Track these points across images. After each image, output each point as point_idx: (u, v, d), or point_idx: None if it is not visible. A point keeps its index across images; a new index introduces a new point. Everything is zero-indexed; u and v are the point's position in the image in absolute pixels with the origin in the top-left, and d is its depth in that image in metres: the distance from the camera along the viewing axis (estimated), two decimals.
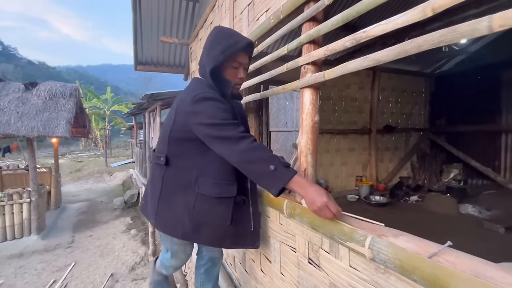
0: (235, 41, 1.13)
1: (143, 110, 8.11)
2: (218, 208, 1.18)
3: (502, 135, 4.12)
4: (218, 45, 1.12)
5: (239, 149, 0.98)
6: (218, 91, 1.16)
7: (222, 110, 1.06)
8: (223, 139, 1.02)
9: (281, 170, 0.93)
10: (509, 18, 0.49)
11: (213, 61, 1.12)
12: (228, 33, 1.17)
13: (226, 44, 1.11)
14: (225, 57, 1.11)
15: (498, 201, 3.50)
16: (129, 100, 32.72)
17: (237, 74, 1.19)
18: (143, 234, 5.19)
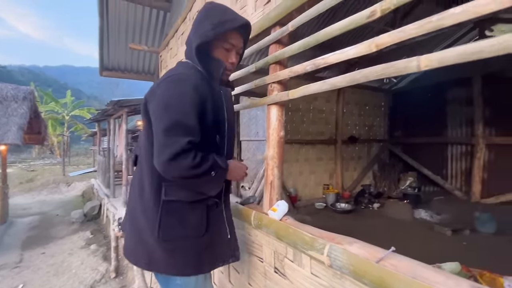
0: (229, 18, 0.97)
1: (108, 117, 7.70)
2: (192, 216, 0.99)
3: (449, 146, 4.62)
4: (209, 19, 0.96)
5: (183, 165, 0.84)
6: (206, 73, 1.00)
7: (188, 103, 0.87)
8: (166, 145, 0.84)
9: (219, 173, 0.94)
10: (432, 59, 0.60)
11: (201, 36, 0.95)
12: (222, 8, 1.01)
13: (218, 20, 0.95)
14: (215, 34, 0.94)
15: (446, 206, 3.89)
16: (92, 105, 30.71)
17: (228, 57, 1.02)
18: (105, 249, 4.85)
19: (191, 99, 0.88)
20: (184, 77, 0.91)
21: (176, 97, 0.87)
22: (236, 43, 1.02)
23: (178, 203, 0.97)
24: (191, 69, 0.99)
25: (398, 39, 0.68)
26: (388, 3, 0.70)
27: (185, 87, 0.89)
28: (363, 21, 0.76)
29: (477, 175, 4.08)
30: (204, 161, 0.88)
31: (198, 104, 0.90)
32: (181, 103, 0.87)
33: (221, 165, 0.93)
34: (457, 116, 4.50)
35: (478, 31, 3.97)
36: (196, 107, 0.89)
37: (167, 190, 0.96)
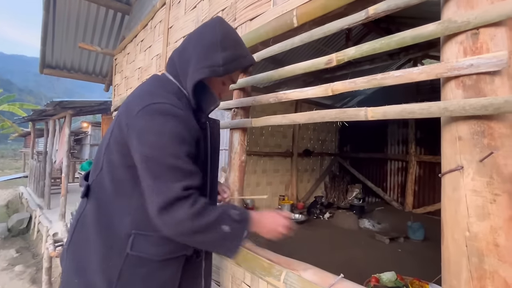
0: (242, 54, 0.84)
1: (46, 117, 6.82)
2: (161, 274, 0.80)
3: (388, 162, 5.20)
4: (222, 50, 0.80)
5: (179, 217, 0.70)
6: (194, 102, 0.83)
7: (179, 140, 0.74)
8: (158, 192, 0.71)
9: (235, 228, 0.75)
10: (377, 112, 0.70)
11: (208, 69, 0.79)
12: (237, 39, 0.85)
13: (231, 54, 0.81)
14: (225, 71, 0.80)
15: (386, 216, 4.33)
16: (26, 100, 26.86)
17: (223, 91, 0.91)
18: (34, 271, 4.21)
19: (182, 137, 0.74)
20: (170, 110, 0.75)
21: (165, 135, 0.73)
22: (236, 80, 0.93)
23: (146, 260, 0.78)
24: (176, 94, 0.81)
25: (350, 88, 0.77)
26: (342, 55, 0.79)
27: (174, 123, 0.73)
28: (321, 66, 0.85)
29: (410, 188, 4.66)
30: (207, 210, 0.72)
31: (189, 141, 0.76)
32: (171, 143, 0.73)
33: (236, 217, 0.75)
34: (395, 136, 5.11)
35: (413, 63, 4.65)
36: (188, 146, 0.75)
37: (136, 242, 0.77)
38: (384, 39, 0.70)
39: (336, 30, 0.82)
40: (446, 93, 0.63)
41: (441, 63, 0.62)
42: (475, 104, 0.54)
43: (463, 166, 0.58)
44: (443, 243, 0.62)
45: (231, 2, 1.31)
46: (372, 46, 0.72)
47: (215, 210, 0.74)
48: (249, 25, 1.19)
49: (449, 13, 0.63)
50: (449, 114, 0.59)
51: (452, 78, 0.61)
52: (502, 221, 0.54)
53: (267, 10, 1.10)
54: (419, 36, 0.64)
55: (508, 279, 0.53)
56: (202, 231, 0.71)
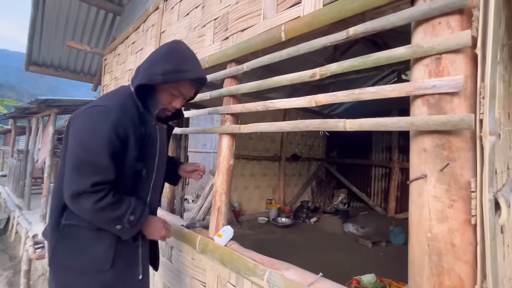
0: (184, 69, 0.94)
1: (29, 115, 6.61)
2: (94, 246, 0.89)
3: (372, 168, 5.36)
4: (163, 63, 0.92)
5: (84, 207, 0.82)
6: (142, 106, 0.95)
7: (102, 142, 0.83)
8: (71, 182, 0.82)
9: (125, 229, 0.88)
10: (354, 124, 0.77)
11: (147, 76, 0.92)
12: (182, 55, 0.96)
13: (172, 67, 0.92)
14: (163, 80, 0.92)
15: (369, 221, 4.45)
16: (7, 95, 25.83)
17: (172, 101, 1.00)
18: (11, 274, 4.06)
19: (107, 138, 0.84)
20: (105, 112, 0.86)
21: (91, 134, 0.84)
22: (186, 92, 1.00)
23: (81, 229, 0.89)
24: (127, 98, 0.94)
25: (331, 101, 0.84)
26: (325, 69, 0.86)
27: (103, 124, 0.84)
28: (306, 79, 0.92)
29: (393, 193, 4.82)
30: (108, 209, 0.84)
31: (116, 142, 0.85)
32: (94, 141, 0.83)
33: (131, 222, 0.87)
34: (380, 143, 5.28)
35: (396, 74, 4.84)
36: (112, 146, 0.84)
37: (69, 213, 0.89)
38: (362, 57, 0.77)
39: (320, 46, 0.89)
40: (414, 109, 0.71)
41: (410, 83, 0.70)
42: (436, 120, 0.62)
43: (426, 175, 0.65)
44: (410, 243, 0.69)
45: (223, 13, 1.37)
46: (351, 64, 0.80)
47: (117, 209, 0.86)
48: (240, 35, 1.25)
49: (417, 39, 0.71)
50: (416, 128, 0.67)
51: (419, 96, 0.69)
52: (458, 224, 0.62)
53: (258, 23, 1.17)
54: (392, 57, 0.72)
55: (463, 275, 0.60)
56: (101, 222, 0.87)
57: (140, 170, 0.95)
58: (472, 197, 0.61)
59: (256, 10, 1.20)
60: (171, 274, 1.47)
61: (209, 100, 1.39)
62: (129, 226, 0.87)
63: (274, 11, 1.10)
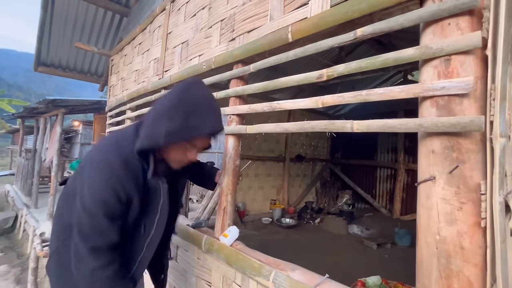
0: (194, 125, 0.80)
1: (37, 114, 6.72)
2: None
3: (378, 169, 5.32)
4: (167, 119, 0.79)
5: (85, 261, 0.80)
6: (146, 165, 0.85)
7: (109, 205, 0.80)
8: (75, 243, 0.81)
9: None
10: (362, 125, 0.77)
11: (148, 139, 0.81)
12: (193, 108, 0.81)
13: (178, 125, 0.79)
14: (168, 142, 0.81)
15: (374, 222, 4.42)
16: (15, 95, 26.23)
17: (187, 154, 0.89)
18: (19, 271, 4.12)
19: (109, 202, 0.80)
20: (107, 173, 0.80)
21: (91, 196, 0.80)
22: (200, 145, 0.91)
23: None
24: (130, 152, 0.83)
25: (338, 102, 0.84)
26: (332, 71, 0.86)
27: (104, 187, 0.79)
28: (313, 80, 0.92)
29: (398, 195, 4.78)
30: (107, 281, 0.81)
31: (116, 205, 0.81)
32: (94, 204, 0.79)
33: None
34: (385, 144, 5.24)
35: (403, 74, 4.79)
36: (111, 209, 0.80)
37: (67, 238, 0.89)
38: (370, 59, 0.77)
39: (327, 47, 0.89)
40: (423, 111, 0.70)
41: (418, 84, 0.69)
42: (445, 122, 0.61)
43: (435, 177, 0.65)
44: (418, 245, 0.69)
45: (230, 14, 1.38)
46: (359, 65, 0.79)
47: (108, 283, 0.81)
48: (247, 36, 1.26)
49: (426, 40, 0.71)
50: (424, 130, 0.66)
51: (427, 98, 0.68)
52: (467, 226, 0.61)
53: (264, 24, 1.17)
54: (400, 59, 0.72)
55: (472, 278, 0.60)
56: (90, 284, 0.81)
57: (139, 226, 0.90)
58: (482, 200, 0.60)
59: (263, 11, 1.20)
60: (177, 274, 1.48)
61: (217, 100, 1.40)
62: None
63: (281, 12, 1.10)
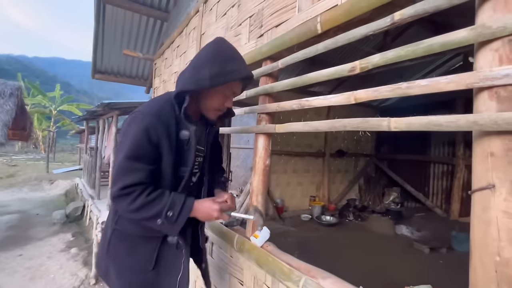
0: (231, 70, 0.92)
1: (97, 116, 7.59)
2: (141, 249, 0.98)
3: (431, 165, 4.80)
4: (210, 66, 0.91)
5: (121, 209, 0.92)
6: (178, 110, 0.95)
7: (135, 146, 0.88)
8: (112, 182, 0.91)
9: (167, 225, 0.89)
10: (400, 123, 0.67)
11: (195, 82, 0.92)
12: (228, 56, 0.95)
13: (218, 70, 0.91)
14: (212, 85, 0.91)
15: (426, 223, 4.01)
16: (81, 100, 30.01)
17: (225, 102, 1.00)
18: (86, 254, 4.74)
19: (137, 141, 0.88)
20: (139, 118, 0.91)
21: (125, 140, 0.90)
22: (237, 91, 1.01)
23: (126, 235, 0.99)
24: (165, 104, 0.96)
25: (373, 97, 0.75)
26: (366, 62, 0.77)
27: (135, 129, 0.89)
28: (345, 73, 0.83)
29: (457, 194, 4.25)
30: (143, 209, 0.87)
31: (147, 145, 0.89)
32: (126, 146, 0.88)
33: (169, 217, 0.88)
34: (440, 136, 4.68)
35: (462, 57, 4.18)
36: (143, 149, 0.88)
37: (119, 220, 0.99)
38: (411, 45, 0.67)
39: (360, 36, 0.80)
40: (478, 105, 0.58)
41: (473, 72, 0.57)
42: (509, 118, 0.49)
43: (494, 185, 0.53)
44: (471, 264, 0.58)
45: (258, 9, 1.34)
46: (397, 54, 0.69)
47: (153, 208, 0.88)
48: (275, 31, 1.21)
49: (483, 18, 0.57)
50: (479, 128, 0.54)
51: (485, 89, 0.56)
52: None
53: (292, 17, 1.11)
54: (449, 43, 0.60)
55: None
56: (141, 220, 0.90)
57: (183, 175, 0.97)
58: None
59: (291, 2, 1.14)
60: (212, 270, 1.53)
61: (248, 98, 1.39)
62: (168, 222, 0.88)
63: (309, 2, 1.02)
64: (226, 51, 0.96)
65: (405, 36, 4.00)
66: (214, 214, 0.94)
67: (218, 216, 0.95)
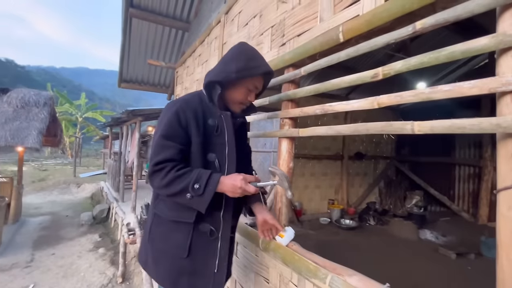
0: (254, 65, 1.04)
1: (121, 123, 7.95)
2: (175, 235, 1.02)
3: (456, 167, 4.62)
4: (236, 62, 1.02)
5: (154, 186, 0.98)
6: (207, 99, 1.08)
7: (168, 127, 0.99)
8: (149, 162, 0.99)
9: (195, 199, 0.93)
10: (424, 126, 0.70)
11: (223, 74, 1.03)
12: (251, 54, 1.07)
13: (244, 65, 1.02)
14: (238, 77, 1.02)
15: (452, 228, 3.86)
16: (104, 107, 31.48)
17: (247, 96, 1.09)
18: (112, 254, 4.97)
19: (169, 122, 0.99)
20: (171, 105, 1.05)
21: (161, 123, 1.01)
22: (259, 86, 1.10)
23: (163, 219, 1.05)
24: (194, 95, 1.11)
25: (395, 102, 0.79)
26: (388, 69, 0.81)
27: (168, 113, 1.01)
28: (368, 79, 0.87)
29: (485, 197, 4.06)
30: (173, 183, 0.93)
31: (176, 126, 0.99)
32: (160, 127, 1.00)
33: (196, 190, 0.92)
34: (465, 138, 4.51)
35: (488, 55, 4.02)
36: (173, 129, 0.98)
37: (157, 204, 1.09)
38: (433, 53, 0.70)
39: (382, 44, 0.84)
40: (502, 108, 0.61)
41: (495, 78, 0.60)
42: None
43: None
44: (498, 263, 0.60)
45: (280, 20, 1.40)
46: (420, 60, 0.73)
47: (182, 182, 0.93)
48: (297, 40, 1.27)
49: (504, 26, 0.60)
50: (503, 130, 0.57)
51: (507, 93, 0.59)
52: None
53: (314, 26, 1.16)
54: (470, 50, 0.63)
55: None
56: (172, 195, 0.96)
57: (212, 161, 1.04)
58: None
59: (312, 13, 1.19)
60: (238, 269, 1.59)
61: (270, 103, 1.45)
62: (196, 195, 0.92)
63: (331, 12, 1.08)
64: (250, 50, 1.08)
65: (425, 37, 3.92)
66: (238, 184, 0.95)
67: (243, 186, 0.95)
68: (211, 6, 2.70)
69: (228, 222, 1.07)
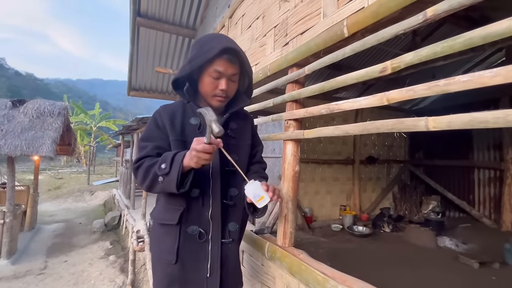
0: (209, 48, 0.93)
1: (132, 131, 8.10)
2: (164, 239, 0.98)
3: (475, 170, 4.39)
4: (190, 52, 0.99)
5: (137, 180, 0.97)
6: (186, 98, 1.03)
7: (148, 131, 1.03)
8: None
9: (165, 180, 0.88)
10: (440, 122, 0.63)
11: (182, 70, 0.98)
12: (206, 40, 0.98)
13: (196, 52, 0.95)
14: (192, 67, 0.94)
15: (474, 235, 3.65)
16: (117, 116, 32.37)
17: (217, 84, 0.98)
18: (123, 261, 4.98)
19: (149, 127, 1.04)
20: (154, 112, 1.08)
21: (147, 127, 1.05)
22: (224, 70, 0.95)
23: (155, 224, 1.05)
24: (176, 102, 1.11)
25: (407, 96, 0.72)
26: (398, 61, 0.74)
27: (150, 120, 1.06)
28: (376, 74, 0.81)
29: (508, 202, 3.82)
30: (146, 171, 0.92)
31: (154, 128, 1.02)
32: (143, 132, 1.05)
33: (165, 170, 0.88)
34: (484, 139, 4.29)
35: (505, 51, 3.83)
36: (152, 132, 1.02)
37: (154, 209, 1.10)
38: (447, 41, 0.63)
39: (390, 36, 0.78)
40: None
41: None
42: None
43: None
44: None
45: (283, 19, 1.37)
46: (432, 50, 0.66)
47: (152, 167, 0.92)
48: (300, 38, 1.22)
49: None
50: None
51: None
52: None
53: (317, 23, 1.11)
54: (490, 35, 0.56)
55: None
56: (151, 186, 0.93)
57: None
58: None
59: (315, 9, 1.15)
60: (243, 278, 1.52)
61: (275, 106, 1.40)
62: (164, 175, 0.88)
63: (334, 7, 1.03)
64: (206, 37, 1.01)
65: (436, 36, 3.81)
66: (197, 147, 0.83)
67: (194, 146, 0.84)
68: (215, 12, 2.71)
69: (217, 222, 0.99)
